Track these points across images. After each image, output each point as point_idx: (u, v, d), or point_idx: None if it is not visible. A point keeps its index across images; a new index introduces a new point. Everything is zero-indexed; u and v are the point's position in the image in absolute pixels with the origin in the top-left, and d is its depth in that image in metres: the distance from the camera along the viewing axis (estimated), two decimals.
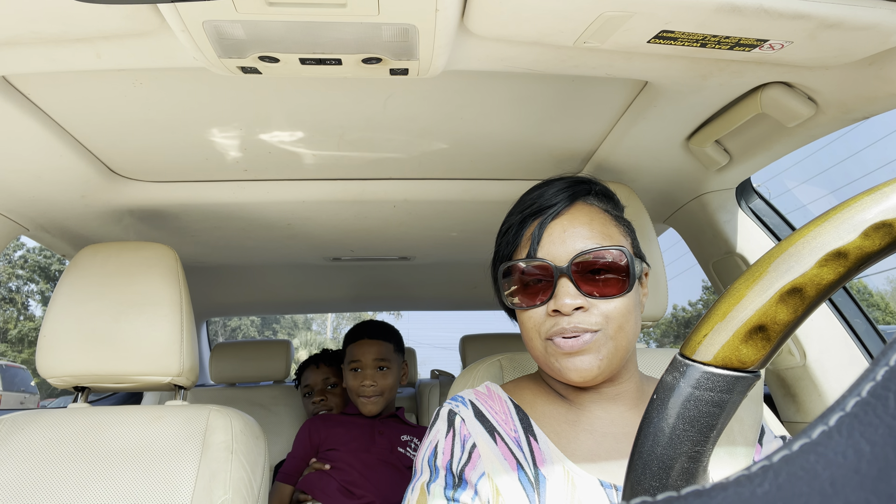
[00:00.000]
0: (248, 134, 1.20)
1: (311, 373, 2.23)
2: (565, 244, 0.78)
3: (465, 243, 1.92)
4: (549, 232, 0.80)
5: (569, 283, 0.76)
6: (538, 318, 0.79)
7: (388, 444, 1.81)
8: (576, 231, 0.79)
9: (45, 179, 1.26)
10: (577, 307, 0.75)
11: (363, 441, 1.81)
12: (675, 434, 0.39)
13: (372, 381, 1.83)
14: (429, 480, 0.76)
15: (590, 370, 0.75)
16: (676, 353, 0.41)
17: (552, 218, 0.81)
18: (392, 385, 1.87)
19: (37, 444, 1.12)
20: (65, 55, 0.82)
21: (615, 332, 0.76)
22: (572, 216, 0.81)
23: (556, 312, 0.76)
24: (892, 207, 0.33)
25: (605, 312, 0.76)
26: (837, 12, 0.72)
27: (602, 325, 0.76)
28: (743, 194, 1.44)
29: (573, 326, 0.75)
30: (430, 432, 0.83)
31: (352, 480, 1.73)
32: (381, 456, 1.78)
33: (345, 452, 1.78)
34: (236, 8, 0.67)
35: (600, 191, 0.87)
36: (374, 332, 1.91)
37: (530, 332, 0.81)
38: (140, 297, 1.19)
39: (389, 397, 1.89)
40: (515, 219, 0.85)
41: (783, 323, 0.36)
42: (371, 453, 1.78)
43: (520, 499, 0.73)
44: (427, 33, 0.74)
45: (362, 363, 1.85)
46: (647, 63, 0.89)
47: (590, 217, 0.81)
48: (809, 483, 0.16)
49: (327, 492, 1.72)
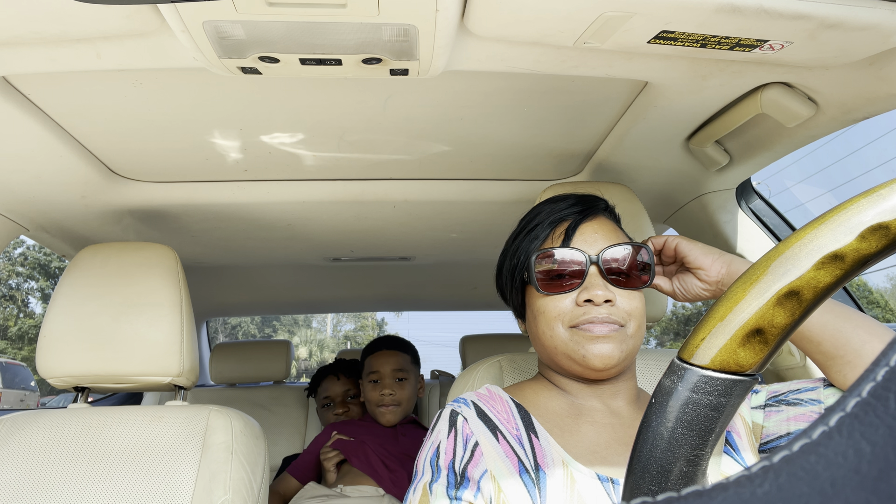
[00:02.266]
0: (249, 134, 1.20)
1: (332, 384, 2.22)
2: (597, 242, 0.84)
3: (466, 244, 1.92)
4: (581, 230, 0.86)
5: (598, 274, 0.82)
6: (565, 307, 0.82)
7: (411, 443, 1.84)
8: (605, 234, 0.86)
9: (45, 179, 1.26)
10: (608, 300, 0.80)
11: (387, 439, 1.84)
12: (673, 438, 0.39)
13: (391, 390, 1.87)
14: (431, 480, 0.76)
15: (611, 357, 0.79)
16: (674, 357, 0.41)
17: (584, 220, 0.87)
18: (410, 396, 1.92)
19: (37, 444, 1.12)
20: (65, 55, 0.82)
21: (635, 331, 0.82)
22: (600, 222, 0.88)
23: (587, 302, 0.80)
24: (888, 209, 0.33)
25: (629, 310, 0.81)
26: (837, 12, 0.72)
27: (626, 321, 0.81)
28: (743, 194, 1.44)
29: (604, 317, 0.80)
30: (431, 433, 0.84)
31: (386, 455, 1.77)
32: (406, 451, 1.81)
33: (372, 444, 1.81)
34: (236, 8, 0.67)
35: (612, 210, 0.95)
36: (391, 344, 1.98)
37: (552, 320, 0.83)
38: (140, 298, 1.19)
39: (407, 408, 1.92)
40: (544, 218, 0.89)
41: (780, 326, 0.36)
42: (397, 446, 1.82)
43: (521, 496, 0.73)
44: (427, 33, 0.74)
45: (381, 374, 1.89)
46: (647, 63, 0.89)
47: (613, 227, 0.89)
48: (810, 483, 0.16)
49: (366, 459, 1.76)
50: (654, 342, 25.09)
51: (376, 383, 1.90)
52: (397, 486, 1.71)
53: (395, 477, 1.73)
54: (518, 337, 2.58)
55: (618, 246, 0.83)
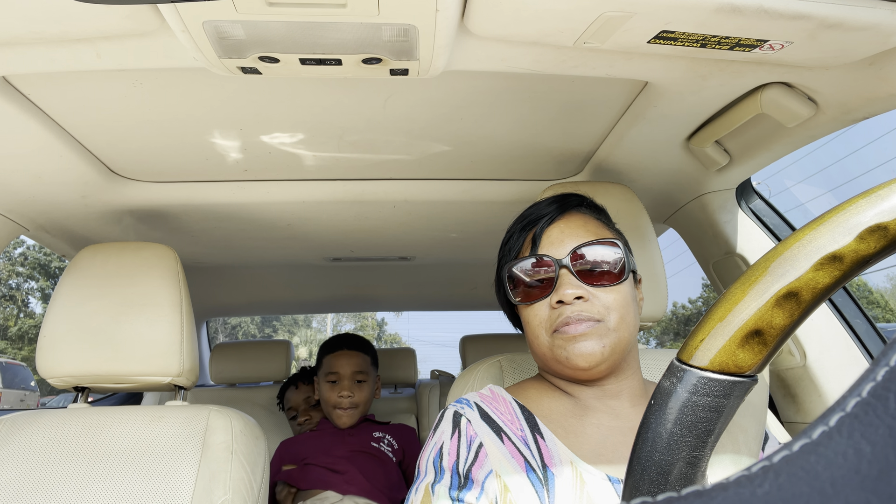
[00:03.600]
0: (248, 134, 1.20)
1: (292, 394, 2.21)
2: (563, 243, 0.84)
3: (465, 244, 1.92)
4: (547, 234, 0.87)
5: (569, 274, 0.82)
6: (543, 314, 0.83)
7: (358, 441, 1.79)
8: (572, 232, 0.86)
9: (45, 179, 1.26)
10: (578, 296, 0.80)
11: (334, 444, 1.79)
12: (672, 439, 0.39)
13: (350, 392, 1.81)
14: (433, 481, 0.76)
15: (593, 354, 0.78)
16: (674, 359, 0.41)
17: (550, 223, 0.87)
18: (367, 399, 1.85)
19: (37, 444, 1.12)
20: (65, 55, 0.82)
21: (617, 323, 0.80)
22: (567, 221, 0.88)
23: (559, 304, 0.80)
24: (887, 210, 0.33)
25: (606, 303, 0.80)
26: (837, 12, 0.72)
27: (604, 315, 0.80)
28: (743, 194, 1.44)
29: (577, 314, 0.79)
30: (434, 434, 0.84)
31: (332, 462, 1.72)
32: (354, 448, 1.77)
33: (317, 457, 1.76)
34: (236, 8, 0.67)
35: (590, 204, 0.94)
36: (352, 344, 1.88)
37: (536, 329, 0.84)
38: (140, 298, 1.19)
39: (364, 411, 1.86)
40: (516, 227, 0.92)
41: (779, 327, 0.36)
42: (344, 446, 1.77)
43: (529, 497, 0.73)
44: (427, 33, 0.74)
45: (340, 375, 1.83)
46: (647, 63, 0.89)
47: (584, 221, 0.88)
48: (810, 483, 0.16)
49: (309, 478, 1.71)
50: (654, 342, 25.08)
51: (334, 384, 1.83)
52: (352, 484, 1.68)
53: (348, 477, 1.70)
54: (518, 337, 2.58)
55: (586, 246, 0.83)
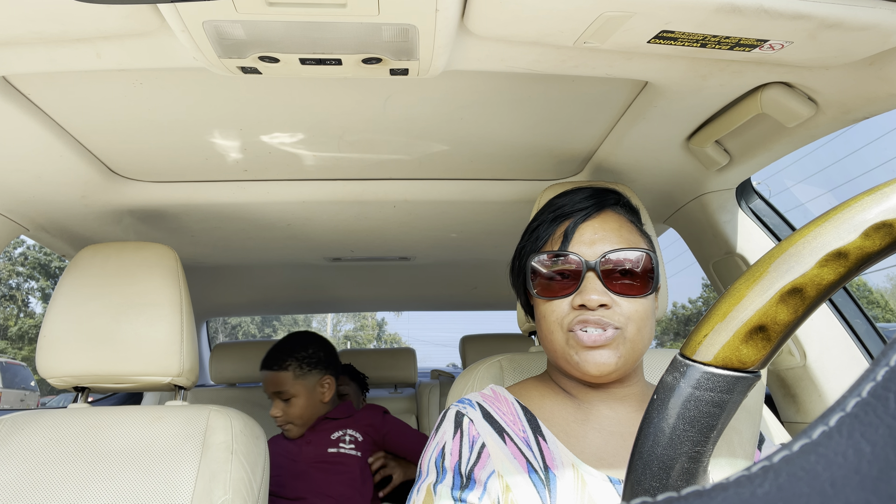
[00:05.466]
0: (248, 134, 1.20)
1: None
2: (595, 244, 0.81)
3: (465, 243, 1.92)
4: (580, 231, 0.83)
5: (596, 279, 0.79)
6: (562, 311, 0.81)
7: (314, 452, 1.75)
8: (606, 234, 0.82)
9: (45, 179, 1.26)
10: (602, 304, 0.78)
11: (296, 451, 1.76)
12: (675, 434, 0.39)
13: (278, 411, 1.74)
14: (435, 481, 0.76)
15: (607, 364, 0.77)
16: (677, 354, 0.41)
17: (584, 219, 0.84)
18: (301, 413, 1.74)
19: (37, 444, 1.12)
20: (65, 55, 0.82)
21: (634, 333, 0.79)
22: (603, 220, 0.85)
23: (581, 307, 0.79)
24: (892, 207, 0.33)
25: (627, 313, 0.78)
26: (837, 12, 0.72)
27: (623, 325, 0.78)
28: (743, 194, 1.44)
29: (597, 319, 0.77)
30: (436, 433, 0.83)
31: (280, 482, 1.69)
32: (310, 456, 1.74)
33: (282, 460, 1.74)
34: (236, 8, 0.67)
35: (626, 202, 0.91)
36: (267, 362, 1.77)
37: (552, 324, 0.82)
38: (140, 298, 1.19)
39: (308, 421, 1.78)
40: (547, 217, 0.88)
41: (783, 323, 0.36)
42: (301, 455, 1.74)
43: (531, 497, 0.73)
44: (427, 33, 0.74)
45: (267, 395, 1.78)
46: (647, 63, 0.89)
47: (619, 224, 0.85)
48: (810, 483, 0.16)
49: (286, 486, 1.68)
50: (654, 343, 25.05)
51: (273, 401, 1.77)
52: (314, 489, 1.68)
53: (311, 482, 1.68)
54: (518, 337, 2.58)
55: (619, 251, 0.80)
